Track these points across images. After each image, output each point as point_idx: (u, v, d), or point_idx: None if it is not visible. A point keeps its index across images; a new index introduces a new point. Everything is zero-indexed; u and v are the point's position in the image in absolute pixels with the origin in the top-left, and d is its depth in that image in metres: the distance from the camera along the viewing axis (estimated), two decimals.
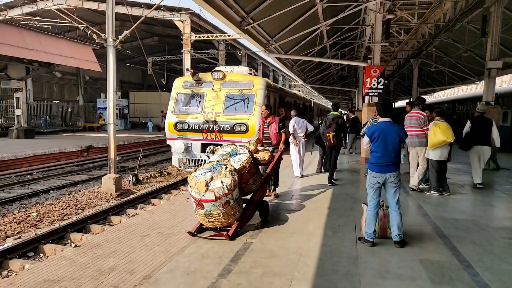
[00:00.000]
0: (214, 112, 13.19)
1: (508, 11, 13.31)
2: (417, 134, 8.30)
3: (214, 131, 13.08)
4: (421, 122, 8.26)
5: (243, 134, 12.66)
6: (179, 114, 13.64)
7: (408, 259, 4.64)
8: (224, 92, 13.42)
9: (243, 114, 13.00)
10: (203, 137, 13.29)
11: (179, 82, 14.15)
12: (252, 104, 13.11)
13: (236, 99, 13.32)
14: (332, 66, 28.07)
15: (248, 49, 29.78)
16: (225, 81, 13.55)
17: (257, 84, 13.42)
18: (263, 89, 13.30)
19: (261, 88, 13.32)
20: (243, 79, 13.66)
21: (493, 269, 4.37)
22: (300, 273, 4.23)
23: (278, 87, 18.57)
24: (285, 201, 7.65)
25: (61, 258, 4.62)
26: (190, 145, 13.41)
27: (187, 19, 22.48)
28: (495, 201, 8.01)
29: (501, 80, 32.29)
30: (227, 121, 12.99)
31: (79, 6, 22.07)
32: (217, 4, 9.86)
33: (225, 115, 13.12)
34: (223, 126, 13.00)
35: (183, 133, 13.46)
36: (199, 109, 13.48)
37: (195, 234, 5.41)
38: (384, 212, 5.32)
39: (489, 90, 12.30)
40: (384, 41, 13.10)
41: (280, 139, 8.16)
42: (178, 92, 14.02)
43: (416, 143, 8.36)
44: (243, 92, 13.20)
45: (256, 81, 13.59)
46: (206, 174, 5.28)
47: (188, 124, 13.39)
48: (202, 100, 13.56)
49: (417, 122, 8.29)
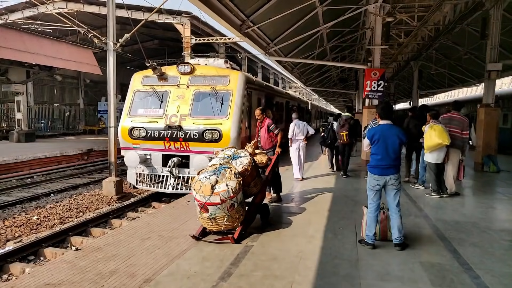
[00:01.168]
0: (179, 115, 10.45)
1: (508, 13, 13.33)
2: (458, 136, 8.26)
3: (178, 139, 10.32)
4: (463, 125, 8.28)
5: (215, 143, 9.97)
6: (136, 117, 10.83)
7: (409, 262, 4.63)
8: (192, 90, 10.69)
9: (215, 118, 10.32)
10: (165, 146, 10.52)
11: (138, 78, 11.42)
12: (227, 104, 10.40)
13: (207, 99, 10.65)
14: (332, 69, 28.13)
15: (249, 52, 29.86)
16: (194, 76, 10.89)
17: (234, 79, 10.71)
18: (241, 86, 10.67)
19: (239, 84, 10.66)
20: (216, 73, 10.89)
21: (494, 272, 4.37)
22: (301, 275, 4.23)
23: (263, 84, 15.08)
24: (285, 203, 7.65)
25: (62, 261, 4.62)
26: (149, 157, 10.66)
27: (188, 23, 22.51)
28: (496, 204, 8.00)
29: (501, 82, 32.31)
30: (195, 126, 10.23)
31: (79, 10, 22.10)
32: (217, 7, 9.90)
33: (192, 118, 10.37)
34: (190, 133, 10.23)
35: (140, 141, 10.69)
36: (161, 111, 10.70)
37: (199, 238, 5.38)
38: (384, 215, 5.32)
39: (489, 92, 12.30)
40: (384, 43, 13.11)
41: (272, 143, 8.23)
42: (135, 90, 11.26)
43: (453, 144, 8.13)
44: (216, 89, 10.50)
45: (233, 75, 10.85)
46: (210, 177, 5.24)
47: (146, 130, 10.53)
48: (165, 99, 10.84)
49: (458, 124, 8.31)
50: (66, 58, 22.67)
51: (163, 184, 10.38)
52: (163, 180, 10.49)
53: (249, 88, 11.60)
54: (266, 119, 8.32)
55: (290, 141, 10.31)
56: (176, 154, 10.45)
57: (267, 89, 14.86)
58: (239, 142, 10.09)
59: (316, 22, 14.40)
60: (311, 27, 14.60)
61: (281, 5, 11.59)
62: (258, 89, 13.14)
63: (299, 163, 10.17)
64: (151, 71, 11.09)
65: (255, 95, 12.56)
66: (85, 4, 22.70)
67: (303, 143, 10.17)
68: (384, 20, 12.56)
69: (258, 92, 12.98)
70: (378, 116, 5.55)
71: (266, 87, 15.01)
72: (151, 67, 10.85)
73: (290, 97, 21.83)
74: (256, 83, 12.96)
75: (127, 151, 10.80)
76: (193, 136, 10.24)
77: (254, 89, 12.47)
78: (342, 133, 10.59)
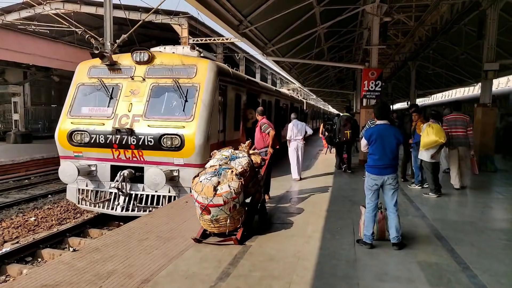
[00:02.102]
0: (131, 115, 8.53)
1: (504, 13, 13.38)
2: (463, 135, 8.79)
3: (129, 146, 8.35)
4: (467, 124, 8.83)
5: (175, 152, 8.19)
6: (78, 118, 8.86)
7: (406, 261, 4.64)
8: (149, 83, 8.79)
9: (176, 119, 8.40)
10: (114, 155, 8.54)
11: (83, 69, 9.40)
12: (193, 102, 8.44)
13: (167, 94, 8.80)
14: (330, 69, 28.18)
15: (246, 52, 29.90)
16: (153, 66, 8.99)
17: (202, 69, 8.75)
18: (211, 78, 8.70)
19: (209, 76, 8.70)
20: (180, 62, 8.95)
21: (491, 271, 4.38)
22: (298, 276, 4.23)
23: (245, 78, 12.42)
24: (283, 204, 7.64)
25: (59, 262, 4.60)
26: (93, 169, 8.71)
27: (185, 23, 22.53)
28: (493, 203, 8.03)
29: (498, 82, 32.44)
30: (151, 129, 8.29)
31: (76, 11, 22.08)
32: (214, 7, 9.89)
33: (148, 120, 8.42)
34: (144, 138, 8.27)
35: (82, 148, 8.66)
36: (109, 111, 8.73)
37: (200, 240, 5.33)
38: (382, 214, 5.33)
39: (486, 92, 12.34)
40: (381, 43, 13.14)
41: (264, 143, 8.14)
42: (79, 84, 9.26)
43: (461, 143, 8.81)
44: (179, 82, 8.57)
45: (201, 65, 8.86)
46: (212, 178, 5.21)
47: (89, 135, 8.55)
48: (116, 95, 8.88)
49: (462, 123, 8.81)
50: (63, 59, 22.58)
51: (111, 204, 8.51)
52: (110, 199, 8.59)
53: (223, 82, 9.52)
54: (262, 118, 8.28)
55: (288, 141, 10.31)
56: (128, 165, 8.51)
57: (249, 84, 12.49)
58: (208, 150, 8.18)
59: (313, 22, 14.41)
60: (308, 27, 14.62)
61: (278, 5, 11.60)
62: (237, 84, 10.80)
63: (297, 163, 10.17)
64: (99, 60, 9.16)
65: (232, 91, 10.35)
66: (82, 5, 22.68)
67: (301, 143, 10.18)
68: (382, 20, 12.59)
69: (236, 87, 10.76)
70: (375, 116, 5.57)
71: (249, 82, 12.53)
72: (99, 55, 9.04)
73: (281, 95, 18.98)
74: (233, 76, 10.60)
75: (65, 161, 8.72)
76: (148, 143, 8.26)
77: (231, 83, 10.23)
78: (347, 132, 11.18)
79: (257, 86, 13.94)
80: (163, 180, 7.84)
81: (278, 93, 18.47)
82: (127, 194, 8.35)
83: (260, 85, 14.91)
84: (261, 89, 14.41)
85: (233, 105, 10.44)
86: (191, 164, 8.26)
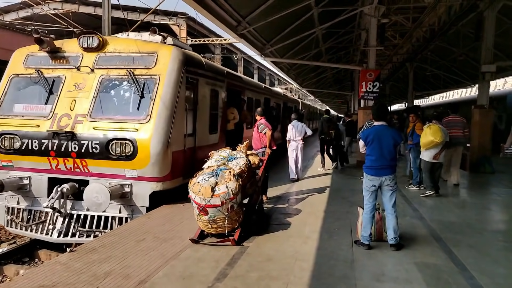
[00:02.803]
0: (73, 114, 6.95)
1: (502, 15, 13.43)
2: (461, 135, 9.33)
3: (70, 153, 6.77)
4: (464, 125, 9.42)
5: (127, 162, 6.69)
6: (8, 118, 7.24)
7: (404, 262, 4.64)
8: (98, 75, 7.26)
9: (129, 120, 6.86)
10: (52, 165, 6.96)
11: (19, 57, 7.84)
12: (149, 98, 6.93)
13: (120, 89, 7.24)
14: (328, 70, 28.21)
15: (244, 53, 29.90)
16: (105, 54, 7.43)
17: (164, 57, 7.21)
18: (175, 69, 7.16)
19: (172, 66, 7.15)
20: (137, 48, 7.34)
21: (489, 273, 4.39)
22: (296, 276, 4.23)
23: (223, 71, 10.22)
24: (281, 204, 7.64)
25: (56, 263, 4.58)
26: (26, 182, 7.10)
27: (184, 24, 22.57)
28: (491, 204, 8.05)
29: (495, 83, 32.56)
30: (96, 133, 6.76)
31: (75, 11, 22.08)
32: (213, 8, 9.89)
33: (94, 120, 6.88)
34: (88, 144, 6.72)
35: (12, 156, 7.09)
36: (47, 109, 7.17)
37: (198, 241, 5.32)
38: (380, 215, 5.33)
39: (483, 93, 12.38)
40: (379, 45, 13.16)
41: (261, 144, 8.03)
42: (12, 76, 7.67)
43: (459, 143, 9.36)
44: (134, 74, 7.03)
45: (163, 52, 7.29)
46: (209, 179, 5.20)
47: (20, 140, 6.96)
48: (57, 90, 7.30)
49: (460, 125, 9.35)
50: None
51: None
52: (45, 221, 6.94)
53: (193, 74, 7.88)
54: (261, 119, 8.21)
55: (287, 142, 10.33)
56: (69, 177, 6.95)
57: (230, 79, 10.47)
58: (168, 159, 6.87)
59: (311, 23, 14.43)
60: (306, 28, 14.63)
61: (277, 6, 11.60)
62: (212, 77, 9.04)
63: (295, 164, 10.18)
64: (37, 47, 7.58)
65: (205, 86, 8.64)
66: (80, 5, 22.68)
67: (300, 143, 10.20)
68: (380, 21, 12.62)
69: (212, 82, 9.01)
70: (372, 117, 5.57)
71: (229, 76, 10.45)
72: (36, 40, 7.37)
73: (272, 94, 17.12)
74: (208, 67, 8.80)
75: None
76: (93, 150, 6.69)
77: (204, 76, 8.51)
78: (331, 131, 12.33)
79: (241, 82, 11.98)
80: (107, 199, 6.26)
81: (268, 91, 16.54)
82: (66, 215, 6.76)
83: (245, 81, 12.75)
84: (246, 85, 12.58)
85: (207, 103, 8.70)
86: (146, 177, 6.75)
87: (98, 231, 6.75)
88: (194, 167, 7.45)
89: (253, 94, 13.31)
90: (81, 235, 6.74)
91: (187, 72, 7.52)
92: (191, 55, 8.12)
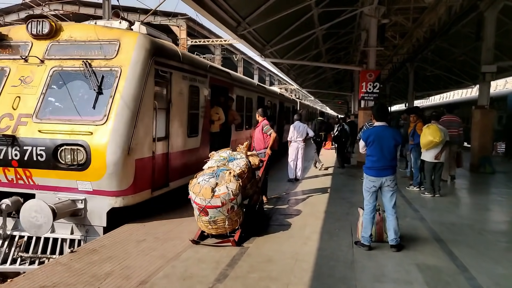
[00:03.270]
0: (16, 114, 5.91)
1: (503, 16, 13.43)
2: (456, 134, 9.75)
3: (11, 162, 5.74)
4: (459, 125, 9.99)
5: (79, 172, 5.63)
6: None
7: (405, 263, 4.64)
8: (49, 68, 6.18)
9: (82, 121, 5.79)
10: None
11: None
12: (108, 95, 5.87)
13: (73, 84, 6.14)
14: (328, 70, 28.22)
15: (244, 54, 29.90)
16: (58, 42, 6.35)
17: (127, 46, 6.13)
18: (140, 59, 6.06)
19: (136, 55, 6.06)
20: (95, 36, 6.17)
21: (490, 273, 4.38)
22: (296, 277, 4.22)
23: (206, 64, 8.89)
24: (281, 205, 7.64)
25: (57, 263, 4.58)
26: None
27: (184, 24, 22.57)
28: (491, 205, 8.05)
29: (496, 84, 32.56)
30: (42, 137, 5.71)
31: (75, 12, 22.09)
32: (213, 9, 9.90)
33: (40, 122, 5.83)
34: (32, 151, 5.67)
35: None
36: None
37: (198, 242, 5.31)
38: (380, 216, 5.32)
39: (483, 94, 12.37)
40: (379, 45, 13.16)
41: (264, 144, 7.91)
42: None
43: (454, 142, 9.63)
44: (91, 65, 6.01)
45: (127, 39, 6.20)
46: (210, 180, 5.20)
47: None
48: None
49: (455, 124, 9.84)
50: None
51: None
52: None
53: (165, 66, 6.73)
54: (263, 120, 8.17)
55: (289, 142, 10.33)
56: (11, 191, 5.87)
57: (214, 74, 9.15)
58: (130, 169, 5.81)
59: (311, 24, 14.44)
60: (307, 29, 14.65)
61: (277, 7, 11.61)
62: (191, 71, 7.76)
63: (296, 164, 10.18)
64: None
65: (182, 81, 7.39)
66: (80, 6, 22.69)
67: (302, 144, 10.19)
68: (380, 22, 12.62)
69: (191, 76, 7.75)
70: (373, 118, 5.57)
71: (212, 70, 9.07)
72: None
73: (267, 92, 15.55)
74: (184, 60, 7.53)
75: None
76: (38, 157, 5.64)
77: (180, 70, 7.31)
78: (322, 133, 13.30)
79: (228, 78, 10.46)
80: (48, 220, 5.16)
81: (262, 89, 15.09)
82: (6, 237, 5.71)
83: (233, 77, 11.10)
84: (234, 81, 11.03)
85: (184, 101, 7.51)
86: (103, 191, 5.68)
87: (45, 256, 5.61)
88: (168, 176, 6.72)
89: (244, 92, 12.01)
90: (23, 262, 5.64)
91: (156, 64, 6.38)
92: (162, 44, 6.92)
